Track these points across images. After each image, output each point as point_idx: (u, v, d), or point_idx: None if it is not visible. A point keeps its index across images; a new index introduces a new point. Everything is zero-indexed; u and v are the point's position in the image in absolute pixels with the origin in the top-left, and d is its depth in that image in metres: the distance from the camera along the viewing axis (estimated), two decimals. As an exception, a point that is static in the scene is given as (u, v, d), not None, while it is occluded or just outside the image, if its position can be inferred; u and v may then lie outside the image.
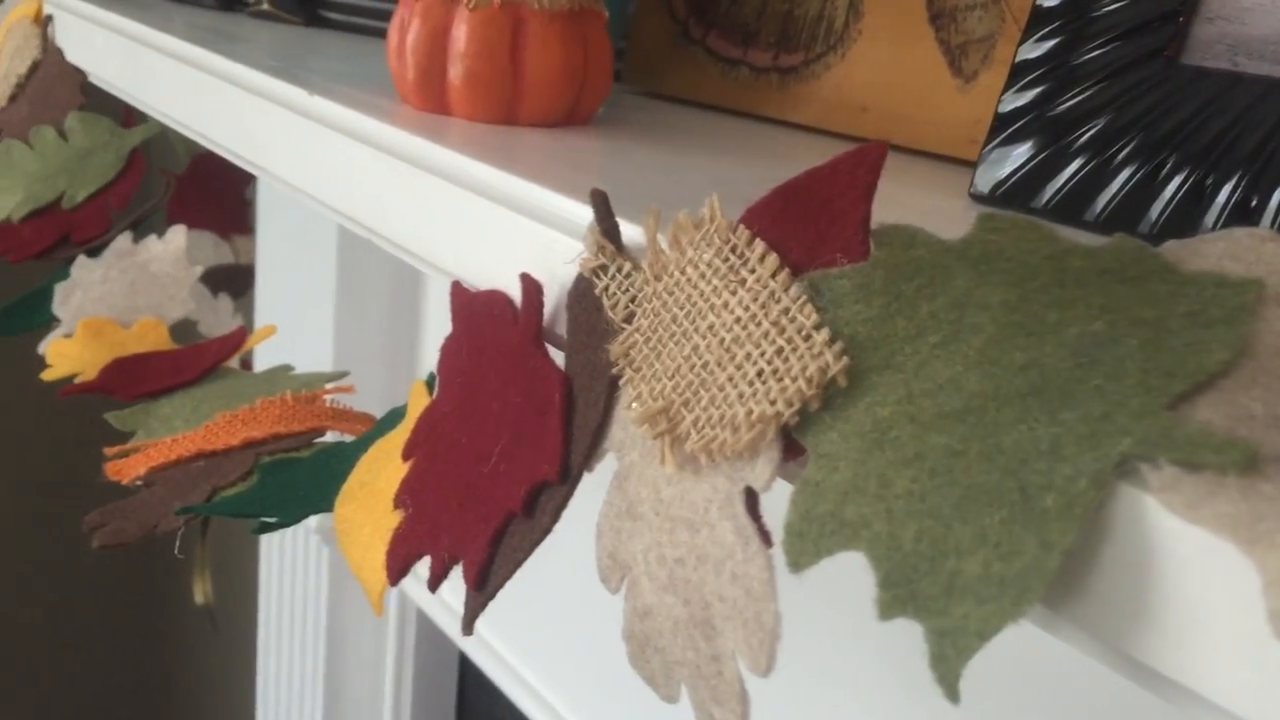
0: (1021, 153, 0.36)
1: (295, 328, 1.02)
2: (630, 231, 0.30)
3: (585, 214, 0.31)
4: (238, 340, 0.57)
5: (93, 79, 0.69)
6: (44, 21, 0.72)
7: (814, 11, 0.50)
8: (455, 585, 0.34)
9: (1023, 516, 0.19)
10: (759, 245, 0.25)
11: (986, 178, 0.37)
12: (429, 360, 0.94)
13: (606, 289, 0.29)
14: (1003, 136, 0.37)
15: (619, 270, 0.29)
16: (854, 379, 0.23)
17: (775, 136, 0.48)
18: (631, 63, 0.55)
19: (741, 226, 0.26)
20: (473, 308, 0.35)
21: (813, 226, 0.25)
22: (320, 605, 1.00)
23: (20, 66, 0.72)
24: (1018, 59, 0.37)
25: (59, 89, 0.70)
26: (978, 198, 0.37)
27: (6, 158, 0.71)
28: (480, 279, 0.35)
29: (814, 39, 0.49)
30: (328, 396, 0.51)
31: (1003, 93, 0.37)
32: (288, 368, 0.56)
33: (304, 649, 1.04)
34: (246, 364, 0.64)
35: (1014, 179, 0.36)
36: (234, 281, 1.16)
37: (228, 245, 1.16)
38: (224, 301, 1.03)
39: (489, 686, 0.91)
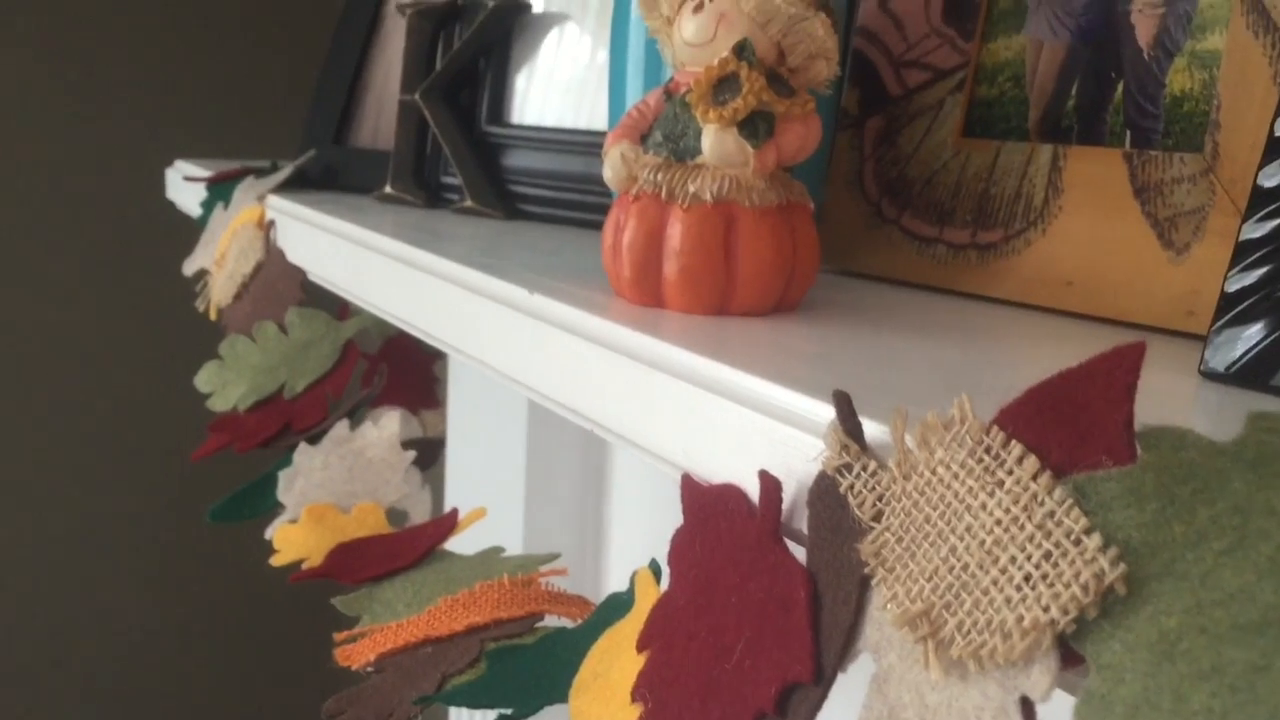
0: (1254, 332, 0.36)
1: (485, 501, 1.05)
2: (870, 428, 0.30)
3: (817, 409, 0.32)
4: (450, 523, 0.59)
5: (312, 277, 0.74)
6: (267, 226, 0.79)
7: (1011, 189, 0.50)
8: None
9: (1344, 739, 0.19)
10: (1016, 447, 0.26)
11: (1220, 357, 0.36)
12: (617, 535, 0.95)
13: (852, 487, 0.29)
14: (1231, 315, 0.36)
15: (864, 469, 0.29)
16: (1133, 586, 0.23)
17: (979, 313, 0.49)
18: (826, 243, 0.57)
19: (995, 428, 0.26)
20: (705, 501, 0.36)
21: (1072, 428, 0.25)
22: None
23: (245, 267, 0.79)
24: (1241, 238, 0.37)
25: (280, 286, 0.76)
26: (1210, 376, 0.37)
27: (232, 352, 0.76)
28: (712, 473, 0.36)
29: (1012, 216, 0.50)
30: (542, 579, 0.52)
31: (1228, 272, 0.37)
32: (499, 549, 0.58)
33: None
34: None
35: (1248, 357, 0.36)
36: (422, 455, 1.21)
37: (416, 420, 1.21)
38: (413, 474, 1.07)
39: None
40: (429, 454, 1.22)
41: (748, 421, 0.34)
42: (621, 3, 0.54)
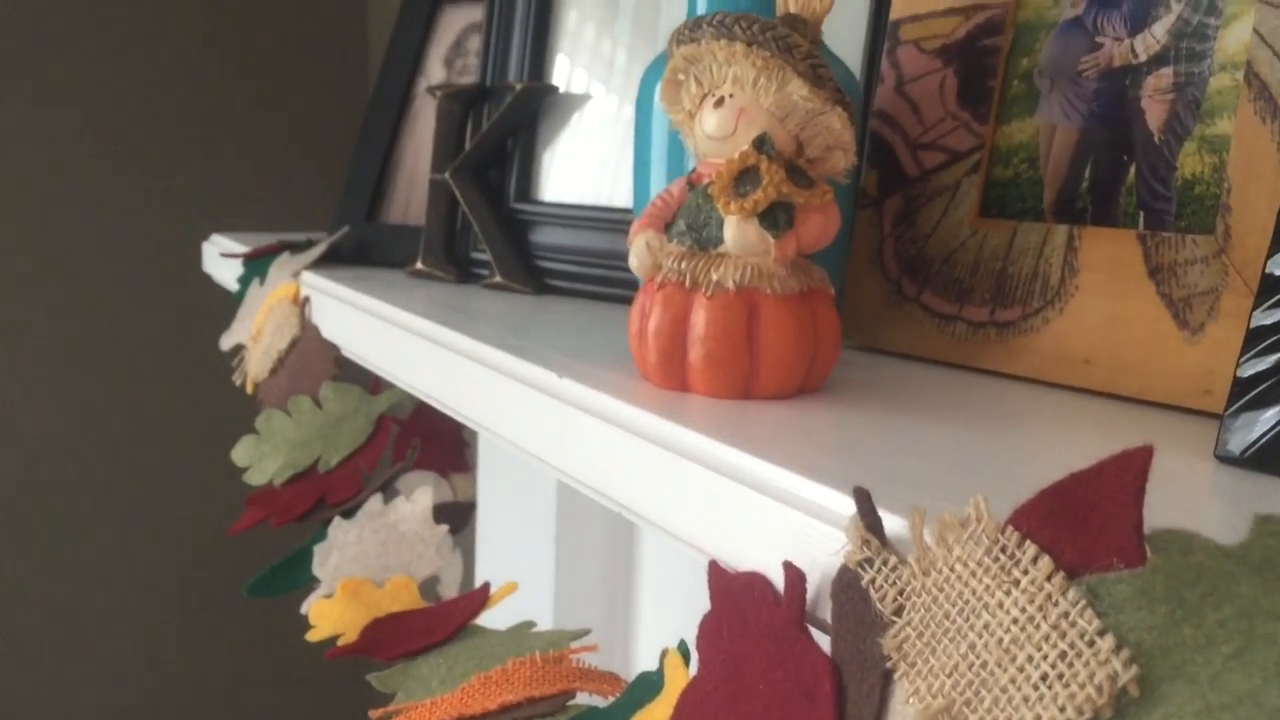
0: (1270, 417, 0.36)
1: (515, 566, 1.06)
2: (890, 522, 0.31)
3: (839, 502, 0.33)
4: (482, 598, 0.60)
5: (346, 353, 0.76)
6: (302, 302, 0.81)
7: (1028, 269, 0.51)
8: None
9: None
10: (1030, 547, 0.26)
11: (1235, 440, 0.37)
12: (646, 605, 0.95)
13: (873, 581, 0.30)
14: (1246, 400, 0.37)
15: (884, 563, 0.30)
16: (1145, 688, 0.23)
17: (998, 391, 0.50)
18: (848, 320, 0.58)
19: (1010, 527, 0.27)
20: (731, 589, 0.37)
21: (1084, 530, 0.26)
22: None
23: (281, 343, 0.80)
24: (1252, 325, 0.38)
25: (315, 362, 0.78)
26: (1226, 459, 0.37)
27: (268, 426, 0.78)
28: (737, 559, 0.37)
29: (1030, 294, 0.51)
30: (573, 655, 0.53)
31: (1240, 358, 0.38)
32: (530, 624, 0.58)
33: None
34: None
35: (1264, 442, 0.36)
36: (453, 518, 1.22)
37: (447, 483, 1.22)
38: (446, 545, 1.09)
39: None
40: (460, 518, 1.23)
41: (772, 511, 0.35)
42: (645, 93, 0.56)
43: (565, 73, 0.78)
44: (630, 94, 0.72)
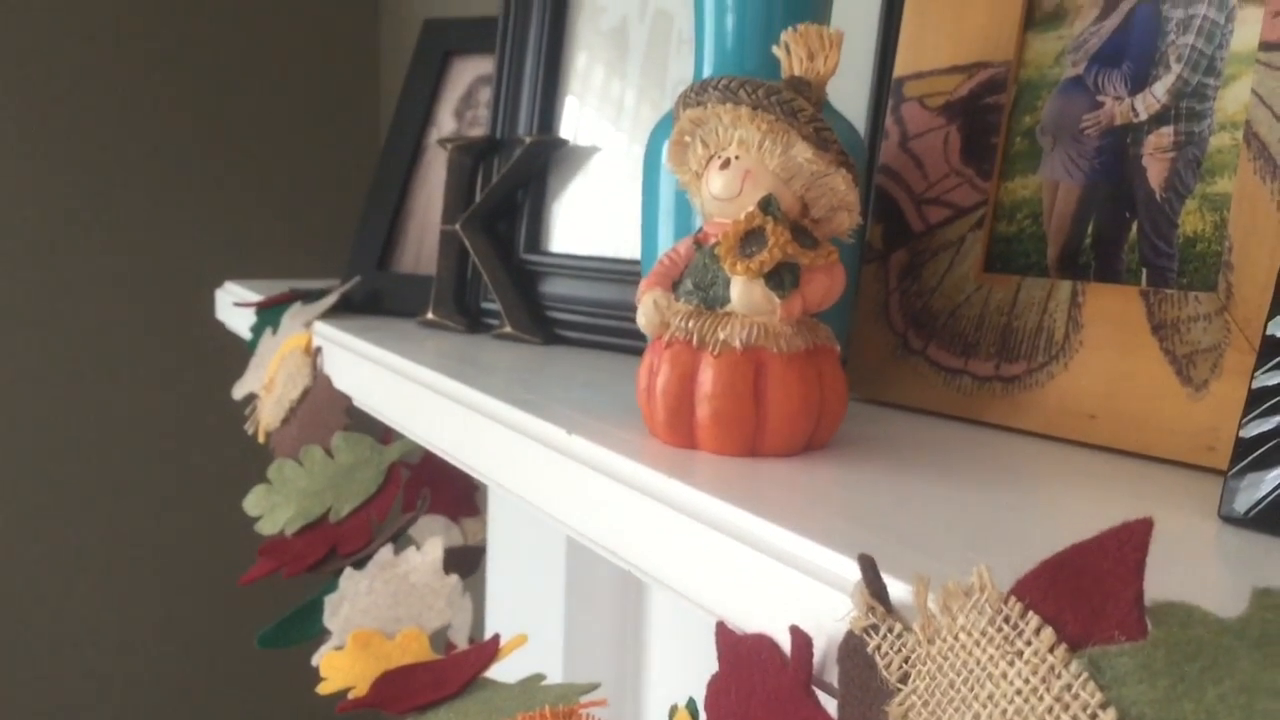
0: (1274, 477, 0.37)
1: (525, 612, 1.06)
2: (896, 588, 0.31)
3: (845, 566, 0.33)
4: (492, 650, 0.60)
5: (357, 403, 0.76)
6: (314, 352, 0.81)
7: (1032, 324, 0.52)
8: None
9: None
10: (1034, 618, 0.27)
11: (1240, 501, 0.37)
12: (656, 652, 0.95)
13: (879, 648, 0.31)
14: (1249, 460, 0.37)
15: (890, 630, 0.30)
16: (1147, 763, 0.24)
17: (1003, 445, 0.50)
18: (854, 372, 0.58)
19: (1013, 598, 0.27)
20: (739, 650, 0.37)
21: (1086, 602, 0.26)
22: None
23: (293, 392, 0.81)
24: (1255, 386, 0.38)
25: (327, 412, 0.78)
26: (1230, 519, 0.38)
27: (279, 475, 0.79)
28: (745, 620, 0.37)
29: (1035, 349, 0.51)
30: (583, 710, 0.53)
31: (1243, 419, 0.38)
32: (540, 677, 0.59)
33: None
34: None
35: (1267, 502, 0.37)
36: (463, 562, 1.23)
37: (457, 527, 1.22)
38: (456, 594, 1.09)
39: None
40: (469, 562, 1.23)
41: (778, 574, 0.35)
42: (653, 152, 0.57)
43: (574, 120, 0.79)
44: (639, 137, 0.73)
